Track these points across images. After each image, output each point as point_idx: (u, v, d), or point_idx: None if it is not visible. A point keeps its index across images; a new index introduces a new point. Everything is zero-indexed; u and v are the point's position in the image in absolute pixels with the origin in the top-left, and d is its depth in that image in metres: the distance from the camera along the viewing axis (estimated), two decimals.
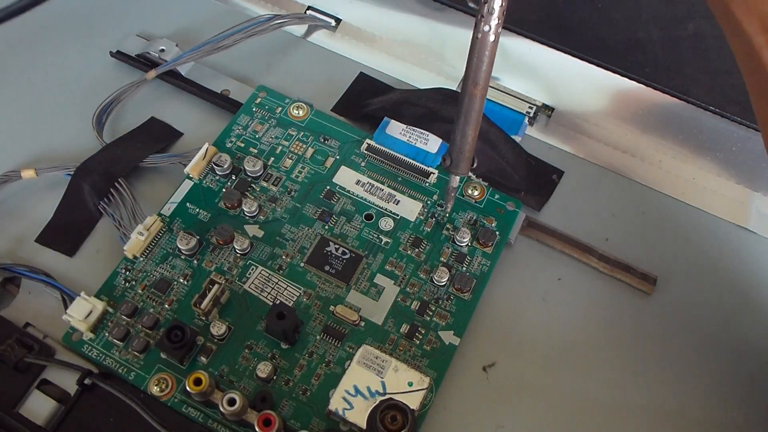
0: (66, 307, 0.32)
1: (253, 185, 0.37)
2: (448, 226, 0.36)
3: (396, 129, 0.38)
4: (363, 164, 0.38)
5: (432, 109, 0.38)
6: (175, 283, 0.34)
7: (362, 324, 0.33)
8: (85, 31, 0.44)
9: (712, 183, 0.39)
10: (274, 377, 0.31)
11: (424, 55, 0.43)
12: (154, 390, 0.31)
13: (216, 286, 0.32)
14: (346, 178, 0.37)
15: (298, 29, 0.44)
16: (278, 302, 0.33)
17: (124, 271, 0.34)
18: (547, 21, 0.44)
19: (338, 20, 0.45)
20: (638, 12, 0.45)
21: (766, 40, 0.26)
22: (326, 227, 0.36)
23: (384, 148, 0.38)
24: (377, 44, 0.44)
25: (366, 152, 0.38)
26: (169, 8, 0.45)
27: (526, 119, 0.41)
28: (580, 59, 0.41)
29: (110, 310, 0.33)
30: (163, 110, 0.40)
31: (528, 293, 0.35)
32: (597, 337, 0.34)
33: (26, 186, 0.37)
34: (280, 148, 0.38)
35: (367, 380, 0.31)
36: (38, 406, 0.31)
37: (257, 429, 0.29)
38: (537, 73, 0.42)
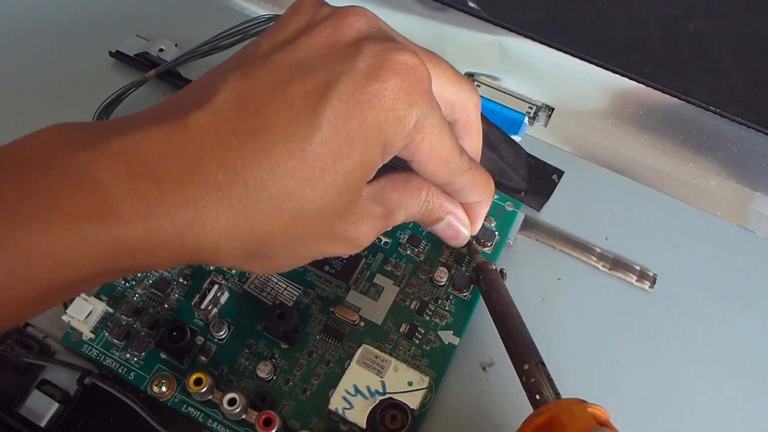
0: (66, 307, 0.32)
1: None
2: None
3: None
4: None
5: None
6: (175, 283, 0.34)
7: (362, 324, 0.33)
8: (85, 31, 0.44)
9: (712, 183, 0.39)
10: (274, 377, 0.31)
11: None
12: (154, 390, 0.31)
13: (216, 286, 0.32)
14: None
15: None
16: (278, 302, 0.33)
17: None
18: (547, 21, 0.44)
19: None
20: (638, 12, 0.45)
21: None
22: None
23: None
24: None
25: None
26: (168, 8, 0.45)
27: (526, 119, 0.41)
28: (580, 59, 0.41)
29: (110, 310, 0.33)
30: None
31: (528, 293, 0.35)
32: (596, 337, 0.34)
33: None
34: None
35: (366, 380, 0.31)
36: (38, 406, 0.31)
37: (258, 429, 0.29)
38: (537, 73, 0.42)
